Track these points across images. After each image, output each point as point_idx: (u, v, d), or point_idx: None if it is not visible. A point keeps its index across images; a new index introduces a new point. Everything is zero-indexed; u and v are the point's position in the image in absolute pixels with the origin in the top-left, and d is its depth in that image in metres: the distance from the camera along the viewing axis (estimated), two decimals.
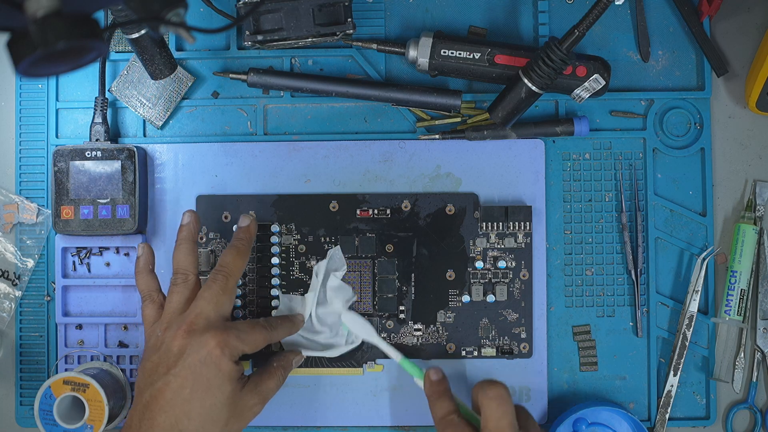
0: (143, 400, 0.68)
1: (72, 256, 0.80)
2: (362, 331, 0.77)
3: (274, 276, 0.80)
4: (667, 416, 0.79)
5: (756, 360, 0.80)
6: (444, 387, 0.73)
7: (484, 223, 0.79)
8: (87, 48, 0.47)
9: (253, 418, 0.71)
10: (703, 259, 0.79)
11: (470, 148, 0.80)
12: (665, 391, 0.79)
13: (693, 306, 0.79)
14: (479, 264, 0.79)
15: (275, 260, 0.79)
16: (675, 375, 0.79)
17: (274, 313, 0.78)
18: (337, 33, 0.77)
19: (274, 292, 0.79)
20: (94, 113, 0.79)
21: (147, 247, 0.76)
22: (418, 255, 0.79)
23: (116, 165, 0.78)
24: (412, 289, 0.80)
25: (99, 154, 0.78)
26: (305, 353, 0.77)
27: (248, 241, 0.74)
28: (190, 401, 0.67)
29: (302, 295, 0.78)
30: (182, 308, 0.71)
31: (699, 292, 0.79)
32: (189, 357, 0.68)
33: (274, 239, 0.79)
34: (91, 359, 0.80)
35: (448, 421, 0.71)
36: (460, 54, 0.77)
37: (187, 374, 0.67)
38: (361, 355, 0.80)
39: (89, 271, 0.80)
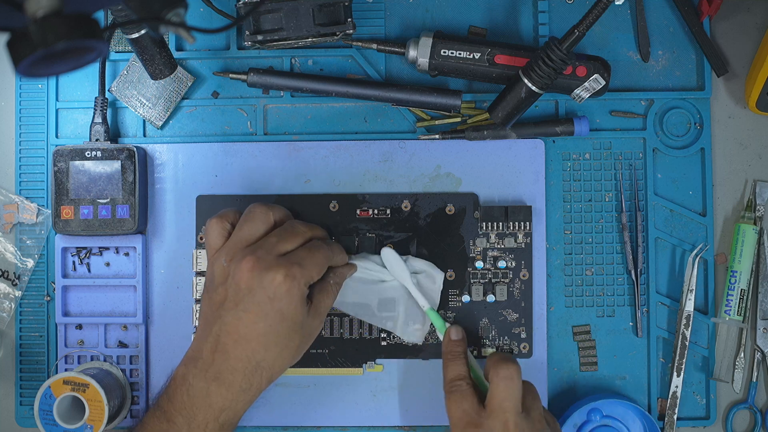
0: (213, 332, 0.70)
1: (72, 256, 0.80)
2: (397, 271, 0.77)
3: None
4: (675, 417, 0.79)
5: (756, 360, 0.80)
6: (461, 349, 0.74)
7: (484, 223, 0.79)
8: (87, 48, 0.47)
9: (317, 335, 0.74)
10: (695, 257, 0.79)
11: (470, 148, 0.80)
12: (671, 392, 0.79)
13: (689, 305, 0.79)
14: (479, 264, 0.79)
15: None
16: (678, 376, 0.79)
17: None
18: (337, 33, 0.77)
19: None
20: (94, 113, 0.79)
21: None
22: (418, 255, 0.79)
23: (116, 165, 0.78)
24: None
25: (99, 154, 0.78)
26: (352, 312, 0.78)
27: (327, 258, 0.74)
28: (266, 334, 0.69)
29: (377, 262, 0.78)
30: (250, 241, 0.72)
31: (693, 291, 0.79)
32: (257, 293, 0.69)
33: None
34: (91, 359, 0.80)
35: (455, 386, 0.72)
36: (460, 54, 0.77)
37: (258, 310, 0.69)
38: (361, 355, 0.80)
39: (89, 271, 0.80)
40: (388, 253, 0.77)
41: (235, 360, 0.69)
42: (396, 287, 0.77)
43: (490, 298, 0.79)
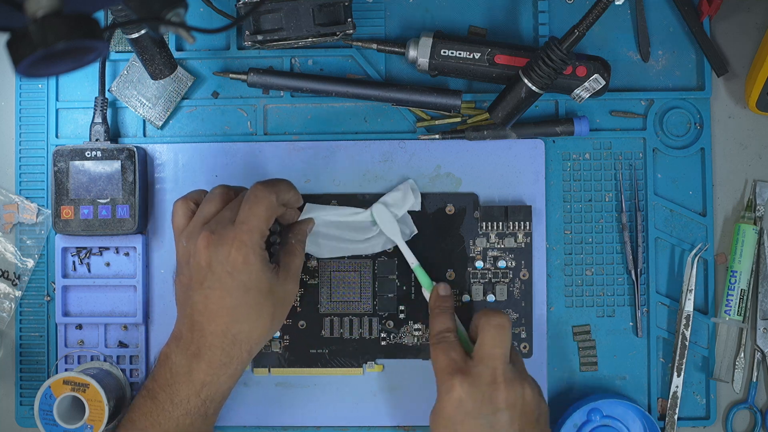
0: (187, 313, 0.71)
1: (72, 256, 0.80)
2: (388, 227, 0.77)
3: None
4: (676, 417, 0.79)
5: (756, 360, 0.80)
6: (448, 304, 0.75)
7: (484, 223, 0.79)
8: (87, 48, 0.47)
9: (293, 299, 0.74)
10: (695, 257, 0.79)
11: (470, 148, 0.80)
12: (671, 393, 0.79)
13: (689, 305, 0.79)
14: (479, 264, 0.79)
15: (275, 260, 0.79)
16: (679, 376, 0.79)
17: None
18: (337, 33, 0.77)
19: None
20: (94, 113, 0.79)
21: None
22: (418, 255, 0.79)
23: (116, 165, 0.78)
24: (412, 289, 0.80)
25: (99, 154, 0.78)
26: (333, 253, 0.78)
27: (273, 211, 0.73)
28: (235, 307, 0.69)
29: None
30: (209, 219, 0.72)
31: (693, 291, 0.79)
32: (217, 269, 0.69)
33: (275, 239, 0.79)
34: (91, 359, 0.80)
35: (443, 337, 0.72)
36: (460, 54, 0.77)
37: (221, 286, 0.69)
38: (361, 355, 0.80)
39: (89, 271, 0.80)
40: (380, 210, 0.78)
41: (211, 336, 0.70)
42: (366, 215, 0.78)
43: (490, 298, 0.79)
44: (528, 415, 0.69)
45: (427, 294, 0.76)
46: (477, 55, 0.77)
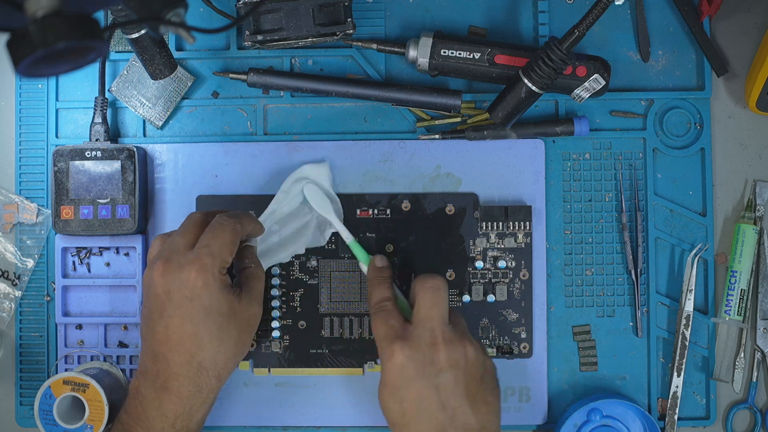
0: (149, 345, 0.69)
1: (72, 256, 0.80)
2: (320, 205, 0.77)
3: (274, 276, 0.80)
4: (676, 417, 0.79)
5: (756, 360, 0.80)
6: (386, 275, 0.74)
7: (484, 223, 0.79)
8: (87, 48, 0.47)
9: (258, 322, 0.73)
10: (695, 257, 0.79)
11: (470, 148, 0.80)
12: (671, 393, 0.79)
13: (689, 305, 0.79)
14: (479, 264, 0.79)
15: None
16: (679, 376, 0.79)
17: None
18: (337, 33, 0.77)
19: (274, 292, 0.79)
20: (94, 113, 0.79)
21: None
22: (418, 255, 0.79)
23: (116, 165, 0.78)
24: None
25: (99, 154, 0.78)
26: (276, 261, 0.77)
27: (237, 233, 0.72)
28: (196, 334, 0.68)
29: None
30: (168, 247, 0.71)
31: (693, 291, 0.79)
32: (175, 296, 0.67)
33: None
34: (91, 359, 0.80)
35: (381, 307, 0.71)
36: (460, 54, 0.77)
37: (181, 313, 0.67)
38: (361, 355, 0.80)
39: (89, 271, 0.80)
40: (311, 189, 0.77)
41: (176, 366, 0.68)
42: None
43: (490, 298, 0.79)
44: (472, 373, 0.68)
45: (364, 268, 0.76)
46: (477, 55, 0.77)
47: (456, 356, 0.68)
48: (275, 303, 0.79)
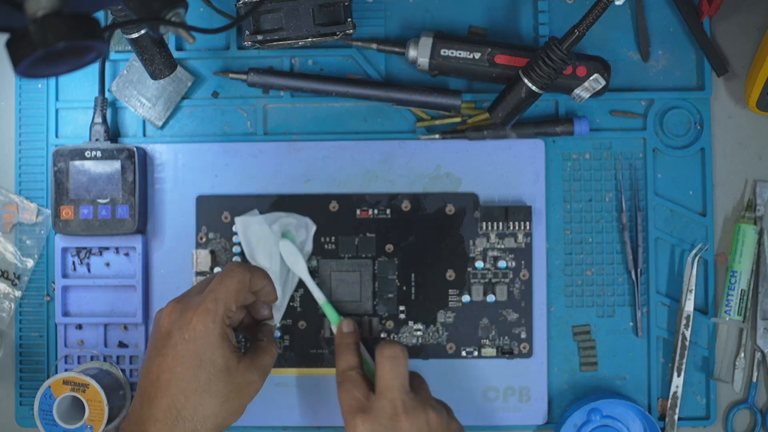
0: (142, 384, 0.68)
1: (72, 256, 0.80)
2: (294, 262, 0.77)
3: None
4: (676, 417, 0.79)
5: (756, 360, 0.80)
6: (352, 340, 0.75)
7: (484, 223, 0.79)
8: (87, 48, 0.47)
9: (255, 395, 0.71)
10: (695, 256, 0.79)
11: (470, 148, 0.80)
12: (671, 392, 0.79)
13: (689, 305, 0.79)
14: (479, 264, 0.79)
15: None
16: (679, 376, 0.79)
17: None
18: (337, 33, 0.77)
19: None
20: (94, 113, 0.79)
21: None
22: (418, 255, 0.79)
23: (116, 165, 0.78)
24: (412, 289, 0.80)
25: (99, 154, 0.78)
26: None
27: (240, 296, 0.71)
28: (184, 380, 0.66)
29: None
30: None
31: (693, 291, 0.79)
32: (174, 335, 0.67)
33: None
34: (91, 359, 0.80)
35: (346, 376, 0.72)
36: (460, 54, 0.77)
37: (175, 353, 0.67)
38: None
39: (89, 271, 0.80)
40: (285, 246, 0.77)
41: (157, 410, 0.66)
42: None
43: (490, 298, 0.79)
44: None
45: (334, 329, 0.77)
46: (477, 55, 0.77)
47: (418, 425, 0.68)
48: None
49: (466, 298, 0.79)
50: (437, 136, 0.80)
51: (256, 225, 0.77)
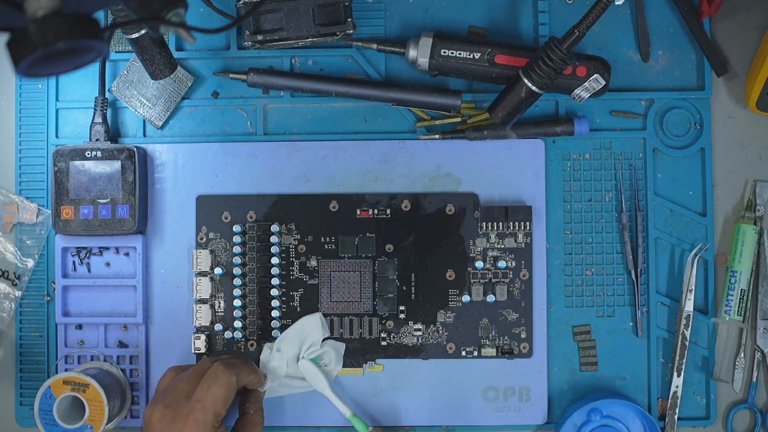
0: None
1: (72, 256, 0.80)
2: (316, 382, 0.77)
3: (273, 276, 0.80)
4: (676, 417, 0.79)
5: (756, 360, 0.80)
6: None
7: (484, 223, 0.79)
8: (87, 48, 0.47)
9: None
10: (695, 256, 0.79)
11: (470, 148, 0.80)
12: (671, 392, 0.79)
13: (688, 305, 0.79)
14: (479, 264, 0.79)
15: (275, 260, 0.79)
16: (679, 376, 0.79)
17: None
18: (337, 33, 0.77)
19: (274, 292, 0.79)
20: (94, 113, 0.79)
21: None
22: (418, 255, 0.79)
23: (116, 165, 0.78)
24: (412, 289, 0.80)
25: (99, 154, 0.78)
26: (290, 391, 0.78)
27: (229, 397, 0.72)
28: None
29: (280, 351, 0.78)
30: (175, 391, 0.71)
31: (693, 291, 0.79)
32: None
33: (274, 239, 0.79)
34: (91, 359, 0.80)
35: None
36: (460, 54, 0.77)
37: None
38: (361, 355, 0.80)
39: (89, 271, 0.80)
40: (305, 365, 0.78)
41: None
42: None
43: (490, 298, 0.79)
44: None
45: None
46: (477, 55, 0.77)
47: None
48: (275, 303, 0.79)
49: (466, 298, 0.79)
50: (437, 136, 0.80)
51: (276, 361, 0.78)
